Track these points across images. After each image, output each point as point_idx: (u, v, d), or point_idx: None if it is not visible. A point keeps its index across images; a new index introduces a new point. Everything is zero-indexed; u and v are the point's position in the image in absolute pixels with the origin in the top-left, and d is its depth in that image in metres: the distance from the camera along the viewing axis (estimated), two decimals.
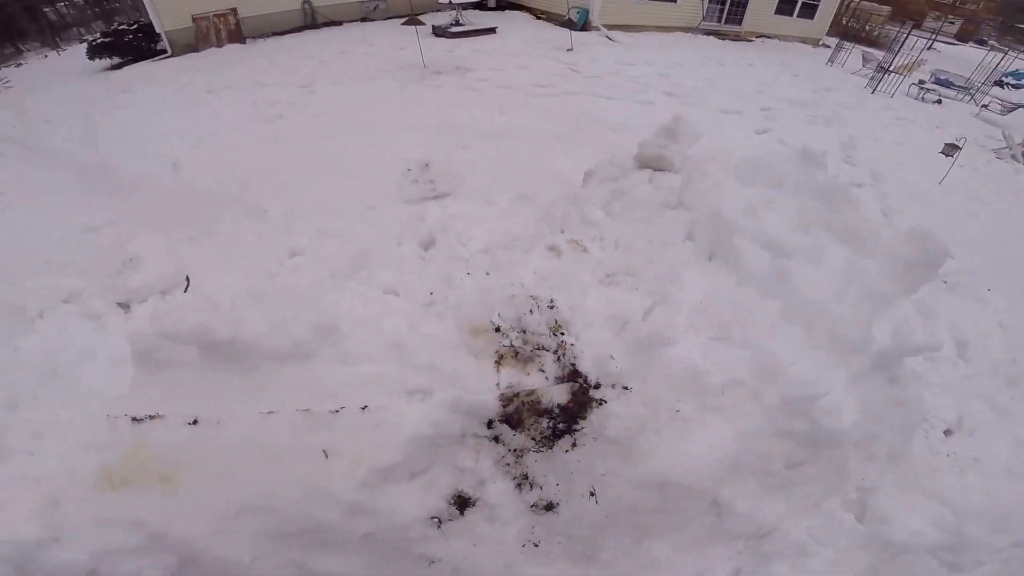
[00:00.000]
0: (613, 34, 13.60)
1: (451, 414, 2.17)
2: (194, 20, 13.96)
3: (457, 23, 13.11)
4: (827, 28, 18.35)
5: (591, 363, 2.27)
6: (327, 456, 2.05)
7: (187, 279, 4.05)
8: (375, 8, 15.71)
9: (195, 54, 13.55)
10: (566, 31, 12.75)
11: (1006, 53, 17.53)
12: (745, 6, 16.13)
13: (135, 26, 15.60)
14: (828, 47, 16.74)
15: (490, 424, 2.22)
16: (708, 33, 15.45)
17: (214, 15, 14.02)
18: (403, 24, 12.47)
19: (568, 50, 11.38)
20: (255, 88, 8.83)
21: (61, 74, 16.44)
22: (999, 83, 17.33)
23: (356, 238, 4.02)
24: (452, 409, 2.16)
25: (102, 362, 3.34)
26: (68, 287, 4.03)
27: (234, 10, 14.18)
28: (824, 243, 2.63)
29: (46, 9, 37.85)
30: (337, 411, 2.11)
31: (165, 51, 14.47)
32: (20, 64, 26.14)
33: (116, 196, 5.94)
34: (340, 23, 15.19)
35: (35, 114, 10.76)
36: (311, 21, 15.15)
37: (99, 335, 3.69)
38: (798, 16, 17.39)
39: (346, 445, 2.06)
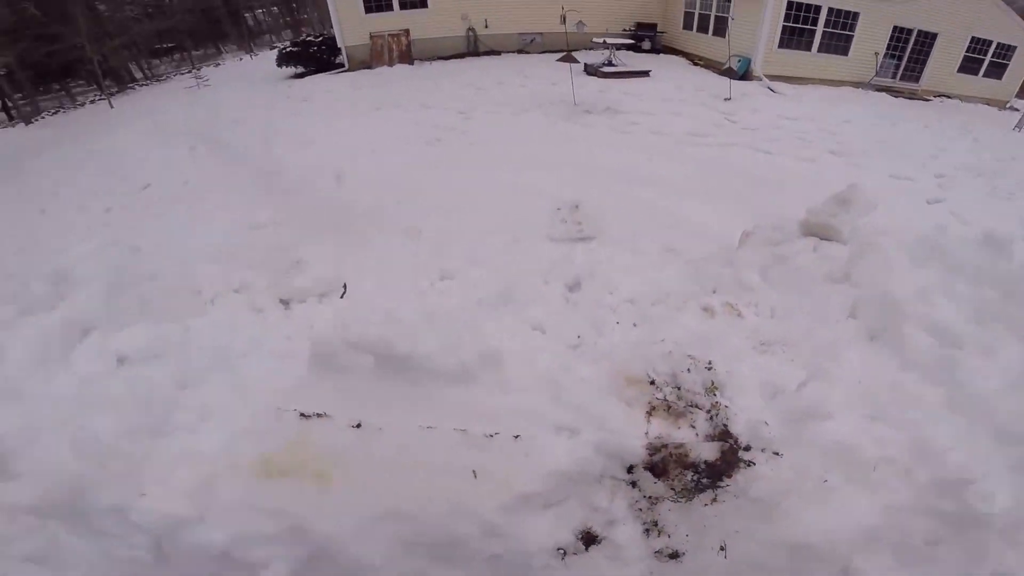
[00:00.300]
0: (776, 85, 13.10)
1: (595, 454, 2.24)
2: (371, 38, 15.40)
3: (609, 63, 13.20)
4: (1016, 90, 16.44)
5: (743, 426, 2.31)
6: (476, 476, 2.19)
7: (344, 287, 4.43)
8: (531, 41, 16.45)
9: (368, 70, 14.92)
10: (725, 80, 12.40)
11: None
12: (924, 63, 14.92)
13: (320, 39, 17.48)
14: (1016, 111, 14.95)
15: (630, 469, 2.29)
16: (880, 89, 14.38)
17: (389, 35, 15.38)
18: (558, 60, 12.82)
19: (726, 99, 11.01)
20: (419, 109, 9.51)
21: (251, 77, 18.77)
22: None
23: (503, 270, 4.18)
24: (597, 450, 2.24)
25: (265, 354, 3.59)
26: (239, 278, 4.46)
27: (407, 31, 15.46)
28: (1000, 338, 2.46)
29: (246, 15, 43.77)
30: (491, 436, 2.25)
31: (343, 65, 16.11)
32: (219, 64, 30.32)
33: (283, 198, 6.64)
34: (499, 53, 16.11)
35: (226, 113, 12.35)
36: (473, 48, 16.19)
37: (262, 328, 3.99)
38: (984, 75, 15.75)
39: (495, 469, 2.17)
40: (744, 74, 13.60)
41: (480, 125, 8.31)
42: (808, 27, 13.66)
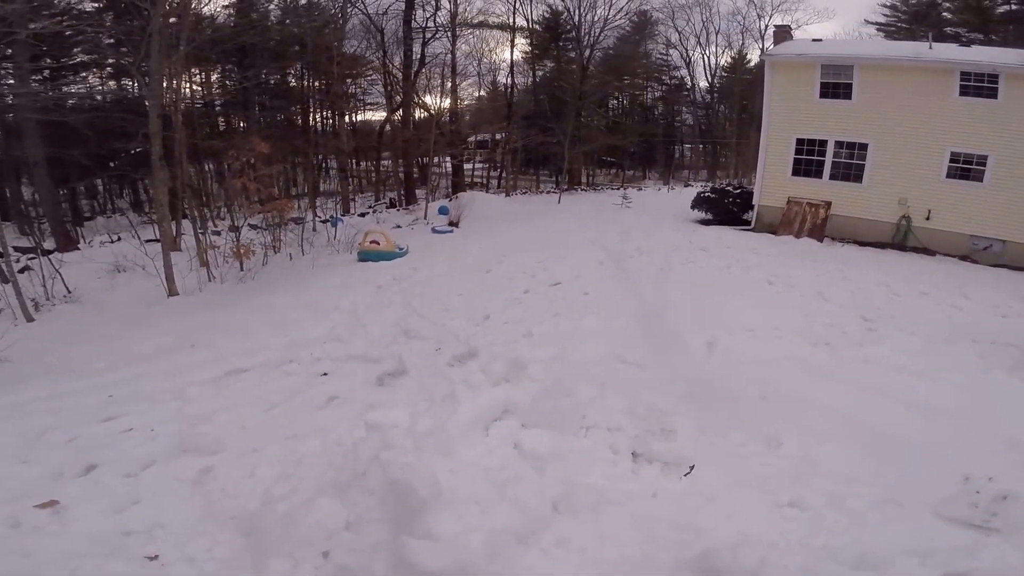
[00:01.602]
0: None
1: None
2: (788, 203, 15.19)
3: None
4: None
5: None
6: None
7: (691, 468, 4.57)
8: (986, 248, 13.39)
9: (772, 236, 14.71)
10: None
11: None
12: None
13: (738, 191, 18.22)
14: None
15: None
16: None
17: (808, 203, 14.93)
18: None
19: None
20: (814, 298, 8.81)
21: (664, 211, 20.69)
22: None
23: (867, 528, 3.69)
24: None
25: (623, 511, 3.86)
26: (615, 419, 5.01)
27: (828, 204, 14.75)
28: None
29: (675, 147, 49.24)
30: None
31: (748, 223, 16.36)
32: (641, 189, 34.77)
33: (652, 343, 7.05)
34: (933, 253, 13.77)
35: (634, 240, 13.96)
36: (901, 240, 14.29)
37: (612, 475, 4.36)
38: None
39: None
40: None
41: (882, 340, 7.17)
42: None
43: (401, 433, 4.56)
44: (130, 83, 24.03)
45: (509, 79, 36.38)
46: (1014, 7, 36.54)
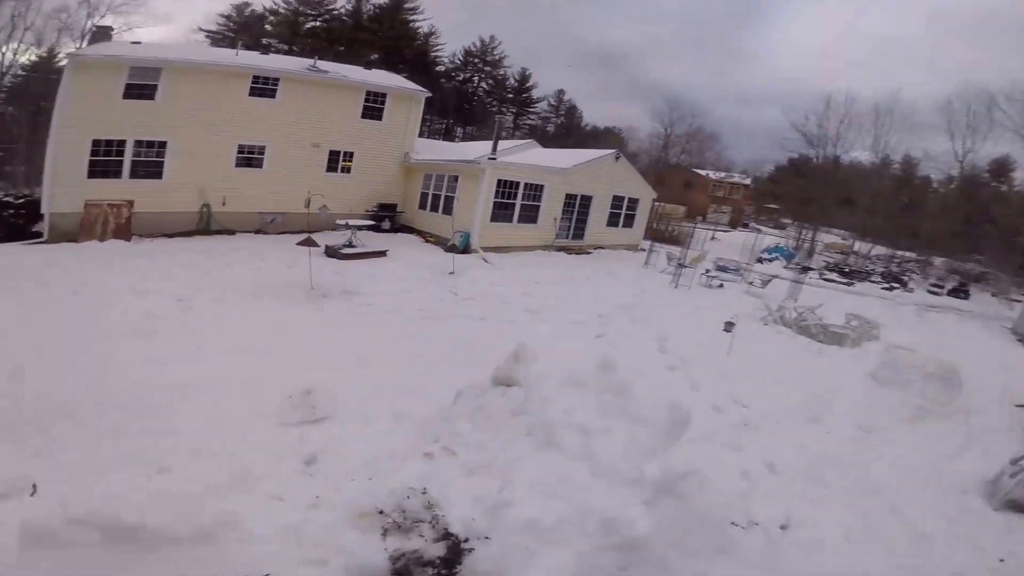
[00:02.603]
0: (489, 256, 15.48)
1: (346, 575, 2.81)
2: (85, 206, 13.67)
3: (350, 244, 13.82)
4: (643, 234, 22.32)
5: (460, 526, 3.21)
6: None
7: (34, 486, 3.92)
8: (272, 221, 16.37)
9: (72, 244, 13.17)
10: (450, 255, 14.07)
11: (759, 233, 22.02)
12: (585, 223, 19.58)
13: (22, 200, 14.71)
14: (644, 251, 20.00)
15: None
16: (560, 249, 18.23)
17: (108, 204, 13.95)
18: (298, 244, 12.66)
19: (450, 273, 12.44)
20: (129, 296, 8.72)
21: None
22: (759, 260, 23.13)
23: (236, 456, 4.21)
24: (347, 571, 2.82)
25: None
26: None
27: (131, 203, 14.23)
28: (614, 423, 3.79)
29: None
30: None
31: (40, 235, 13.85)
32: None
33: None
34: (233, 232, 15.72)
35: None
36: (205, 226, 15.55)
37: None
38: (622, 227, 21.18)
39: None
40: (465, 248, 15.90)
41: (204, 313, 8.06)
42: (510, 201, 16.97)
43: None
44: None
45: None
46: (316, 24, 46.86)
